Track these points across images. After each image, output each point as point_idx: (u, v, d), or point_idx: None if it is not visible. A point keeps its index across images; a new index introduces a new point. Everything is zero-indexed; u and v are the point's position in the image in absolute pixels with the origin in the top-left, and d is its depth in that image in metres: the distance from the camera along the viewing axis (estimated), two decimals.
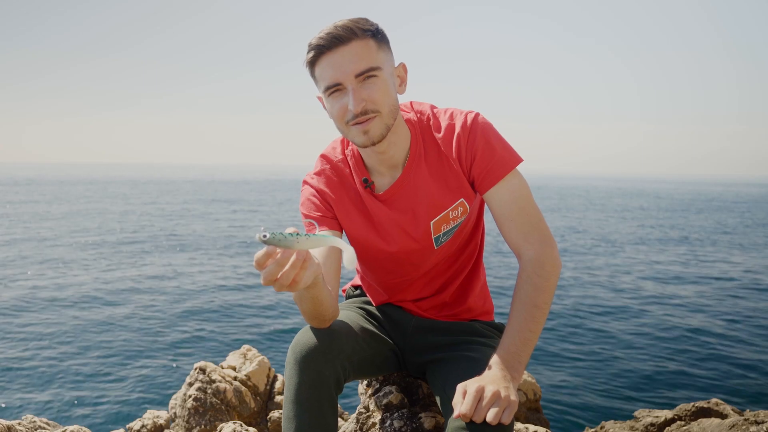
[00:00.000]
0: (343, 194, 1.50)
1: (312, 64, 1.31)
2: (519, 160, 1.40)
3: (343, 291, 1.86)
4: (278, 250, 1.00)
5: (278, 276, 1.00)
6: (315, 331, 1.37)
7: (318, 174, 1.52)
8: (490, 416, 1.11)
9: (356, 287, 1.82)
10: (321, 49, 1.28)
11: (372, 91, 1.29)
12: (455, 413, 1.14)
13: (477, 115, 1.42)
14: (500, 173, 1.38)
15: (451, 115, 1.45)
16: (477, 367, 1.30)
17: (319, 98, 1.39)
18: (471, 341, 1.52)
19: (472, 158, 1.40)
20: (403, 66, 1.40)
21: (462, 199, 1.45)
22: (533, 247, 1.34)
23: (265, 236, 0.96)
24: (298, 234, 0.99)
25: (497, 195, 1.38)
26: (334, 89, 1.30)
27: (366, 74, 1.28)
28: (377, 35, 1.31)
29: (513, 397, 1.15)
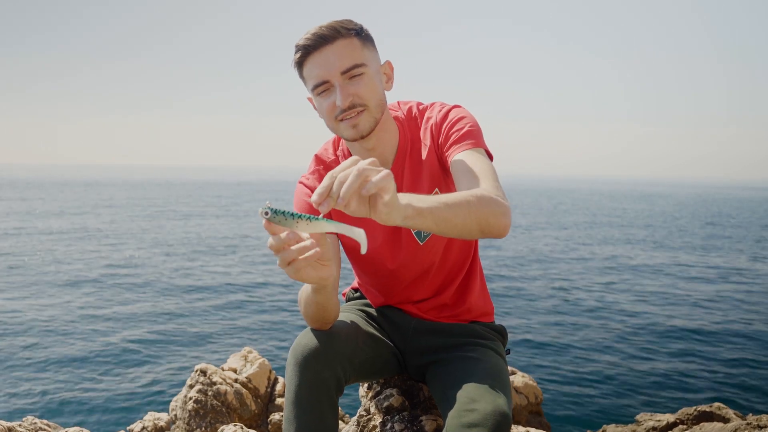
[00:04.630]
0: None
1: (300, 64, 1.36)
2: (487, 149, 1.37)
3: (343, 295, 1.86)
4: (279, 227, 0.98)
5: (280, 249, 0.99)
6: (315, 333, 1.38)
7: (312, 174, 1.55)
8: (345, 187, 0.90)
9: (356, 290, 1.82)
10: (308, 50, 1.32)
11: (358, 87, 1.33)
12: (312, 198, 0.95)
13: (457, 105, 1.47)
14: (468, 144, 1.36)
15: (433, 106, 1.51)
16: (477, 368, 1.29)
17: (309, 99, 1.43)
18: (471, 343, 1.51)
19: (443, 132, 1.43)
20: (389, 64, 1.44)
21: (436, 189, 1.46)
22: None
23: (267, 213, 0.95)
24: (300, 215, 0.96)
25: (461, 160, 1.32)
26: (321, 87, 1.34)
27: (352, 71, 1.32)
28: (361, 34, 1.35)
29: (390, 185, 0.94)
